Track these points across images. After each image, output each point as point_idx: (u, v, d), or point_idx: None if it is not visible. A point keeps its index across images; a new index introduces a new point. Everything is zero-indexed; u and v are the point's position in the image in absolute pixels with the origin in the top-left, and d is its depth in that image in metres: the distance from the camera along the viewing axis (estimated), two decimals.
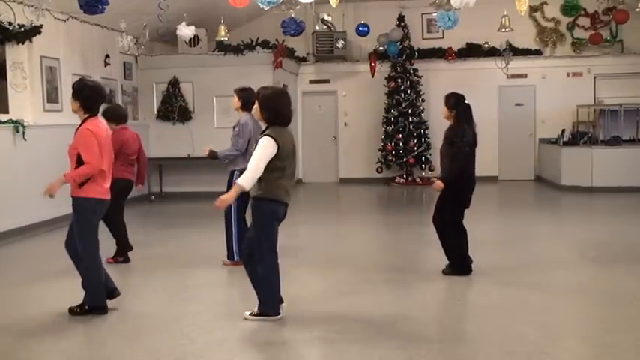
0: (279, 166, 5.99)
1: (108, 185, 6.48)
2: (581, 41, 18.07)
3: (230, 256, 8.41)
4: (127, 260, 8.72)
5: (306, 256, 8.73)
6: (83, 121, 6.40)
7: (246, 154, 7.88)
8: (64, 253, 6.54)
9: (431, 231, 8.19)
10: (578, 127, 16.96)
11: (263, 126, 6.25)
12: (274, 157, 5.93)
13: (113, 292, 6.64)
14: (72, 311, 6.48)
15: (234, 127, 8.36)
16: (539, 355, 5.28)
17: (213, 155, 8.43)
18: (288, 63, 17.15)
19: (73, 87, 6.52)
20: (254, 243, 6.14)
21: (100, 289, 6.48)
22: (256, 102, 6.20)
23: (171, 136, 15.66)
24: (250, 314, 6.25)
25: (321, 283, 7.55)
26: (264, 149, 5.91)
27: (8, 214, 10.33)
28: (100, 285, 6.48)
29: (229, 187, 7.46)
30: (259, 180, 5.97)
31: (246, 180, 5.89)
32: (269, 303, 6.19)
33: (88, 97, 6.40)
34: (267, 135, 5.98)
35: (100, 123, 6.55)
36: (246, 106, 8.25)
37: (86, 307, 6.46)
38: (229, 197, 6.05)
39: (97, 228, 6.50)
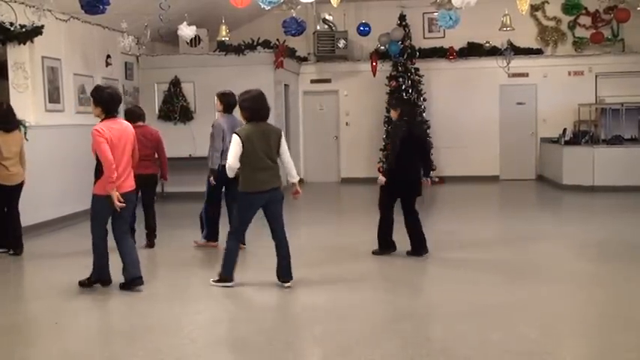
0: (246, 161, 7.02)
1: (122, 180, 7.19)
2: (582, 40, 18.06)
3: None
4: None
5: (306, 257, 8.73)
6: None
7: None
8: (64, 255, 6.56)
9: (430, 230, 8.20)
10: (579, 126, 16.95)
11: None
12: (242, 152, 7.00)
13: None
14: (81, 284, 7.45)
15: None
16: (541, 355, 5.28)
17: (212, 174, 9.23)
18: (290, 63, 17.15)
19: (92, 95, 7.40)
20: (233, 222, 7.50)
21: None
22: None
23: (173, 136, 15.59)
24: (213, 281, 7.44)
25: (321, 282, 7.55)
26: (232, 145, 7.05)
27: None
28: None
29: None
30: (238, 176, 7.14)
31: (227, 170, 7.15)
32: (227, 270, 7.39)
33: (108, 101, 7.20)
34: (235, 132, 7.13)
35: (115, 122, 7.26)
36: (227, 109, 9.25)
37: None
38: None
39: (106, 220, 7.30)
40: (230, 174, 7.14)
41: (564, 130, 16.62)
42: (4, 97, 10.65)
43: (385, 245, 8.90)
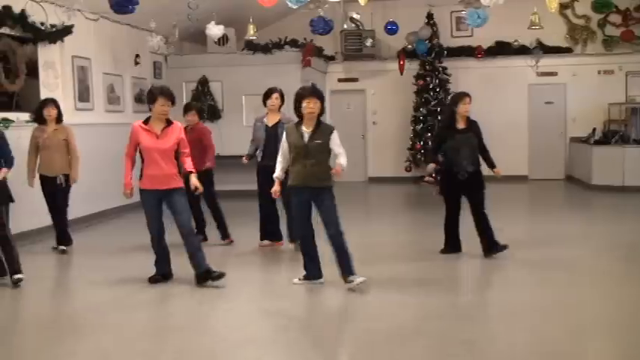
0: (292, 157, 7.24)
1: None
2: (612, 39, 17.84)
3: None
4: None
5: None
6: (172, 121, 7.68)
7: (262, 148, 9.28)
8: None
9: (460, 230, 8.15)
10: (609, 125, 16.78)
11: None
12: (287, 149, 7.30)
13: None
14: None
15: None
16: (566, 355, 5.24)
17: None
18: (317, 62, 17.16)
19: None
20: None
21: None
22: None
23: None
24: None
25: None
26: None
27: (40, 211, 10.41)
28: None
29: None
30: None
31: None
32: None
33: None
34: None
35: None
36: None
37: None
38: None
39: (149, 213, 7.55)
40: (277, 172, 7.49)
41: (594, 129, 16.46)
42: (34, 96, 10.76)
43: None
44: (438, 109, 17.54)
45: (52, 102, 9.55)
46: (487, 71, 17.87)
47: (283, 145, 7.37)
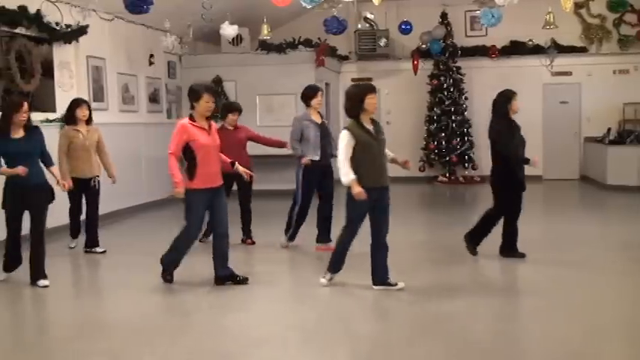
0: (358, 157, 6.88)
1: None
2: (628, 38, 17.75)
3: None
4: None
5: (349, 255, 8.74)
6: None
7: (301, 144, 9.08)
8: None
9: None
10: (624, 125, 16.70)
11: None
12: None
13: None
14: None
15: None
16: (581, 356, 5.22)
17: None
18: (331, 61, 17.16)
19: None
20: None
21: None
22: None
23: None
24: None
25: (364, 281, 7.52)
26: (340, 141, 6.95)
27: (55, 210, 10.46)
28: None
29: None
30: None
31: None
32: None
33: None
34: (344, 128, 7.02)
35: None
36: None
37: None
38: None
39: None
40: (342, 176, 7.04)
41: (609, 129, 16.38)
42: (49, 96, 10.83)
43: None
44: (452, 108, 17.52)
45: (85, 102, 9.50)
46: (501, 71, 17.79)
47: (348, 144, 6.88)
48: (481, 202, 14.62)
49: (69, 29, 11.02)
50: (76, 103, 9.37)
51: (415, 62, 17.78)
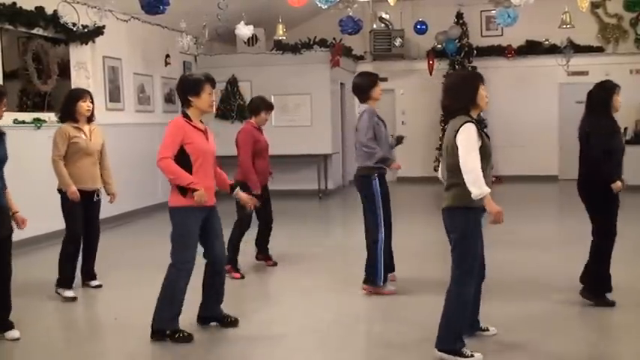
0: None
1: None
2: None
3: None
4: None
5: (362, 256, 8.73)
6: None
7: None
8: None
9: (490, 230, 8.09)
10: None
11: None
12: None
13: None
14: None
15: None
16: (603, 357, 5.20)
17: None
18: (346, 61, 17.17)
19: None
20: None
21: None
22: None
23: (230, 135, 15.59)
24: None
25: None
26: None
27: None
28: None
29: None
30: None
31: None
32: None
33: None
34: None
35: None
36: None
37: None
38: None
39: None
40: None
41: (625, 129, 16.28)
42: None
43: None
44: None
45: (88, 93, 7.26)
46: (517, 71, 17.75)
47: (477, 144, 5.28)
48: (498, 202, 14.58)
49: (85, 30, 11.08)
50: (77, 94, 7.21)
51: (430, 62, 17.76)
